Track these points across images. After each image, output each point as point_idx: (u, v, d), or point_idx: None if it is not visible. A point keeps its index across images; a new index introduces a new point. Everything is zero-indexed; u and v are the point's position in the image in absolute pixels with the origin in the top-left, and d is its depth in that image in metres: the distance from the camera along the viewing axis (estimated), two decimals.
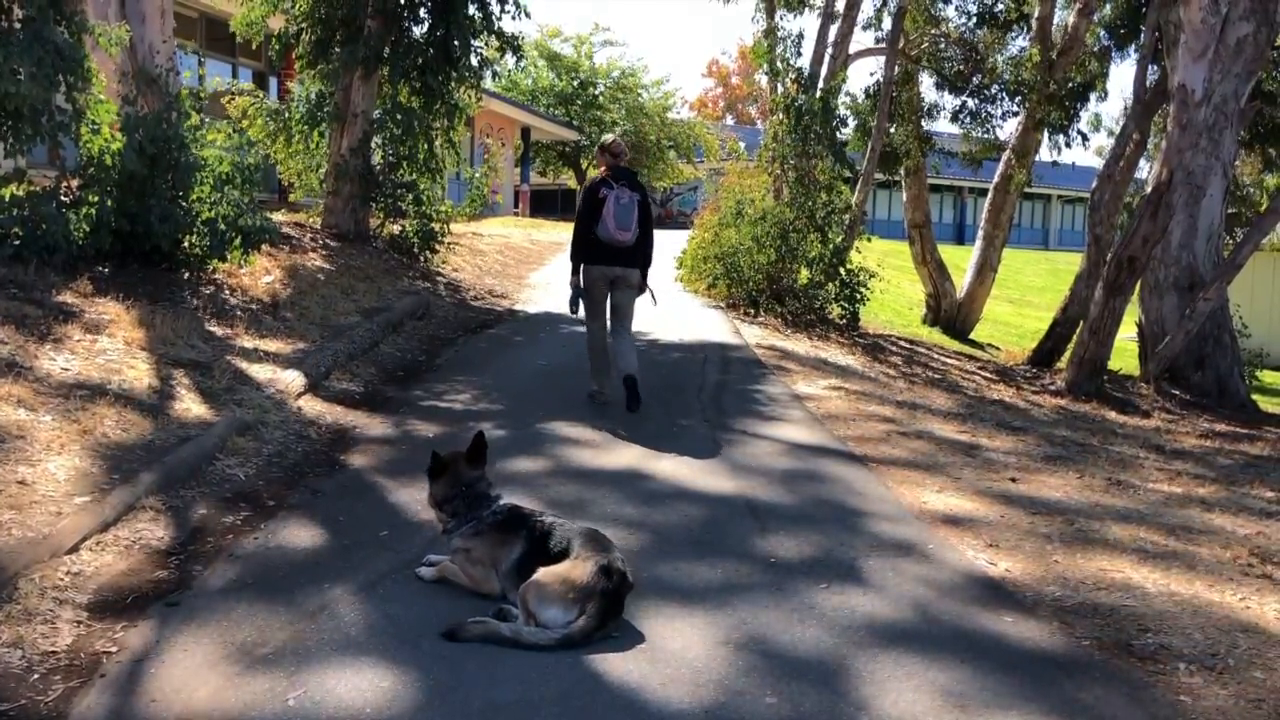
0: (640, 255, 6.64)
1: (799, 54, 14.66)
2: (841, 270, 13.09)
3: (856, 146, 16.60)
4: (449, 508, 3.74)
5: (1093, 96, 16.69)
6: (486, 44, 13.02)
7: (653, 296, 6.96)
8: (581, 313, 6.80)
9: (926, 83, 17.98)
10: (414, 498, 4.67)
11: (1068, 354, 11.79)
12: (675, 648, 3.27)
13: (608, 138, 6.82)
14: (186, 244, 7.94)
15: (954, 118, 17.47)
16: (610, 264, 6.58)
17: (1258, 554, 4.53)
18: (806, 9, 16.23)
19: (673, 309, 12.74)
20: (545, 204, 36.45)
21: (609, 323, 6.79)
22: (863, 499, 5.10)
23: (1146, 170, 14.70)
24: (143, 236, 7.51)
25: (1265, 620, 3.75)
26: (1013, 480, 5.71)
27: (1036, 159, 17.63)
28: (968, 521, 4.84)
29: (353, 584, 3.66)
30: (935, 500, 5.18)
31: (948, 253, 20.25)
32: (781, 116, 13.66)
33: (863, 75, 77.12)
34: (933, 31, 17.35)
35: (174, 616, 3.32)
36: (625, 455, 5.68)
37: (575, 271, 6.74)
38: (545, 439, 5.99)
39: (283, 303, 8.48)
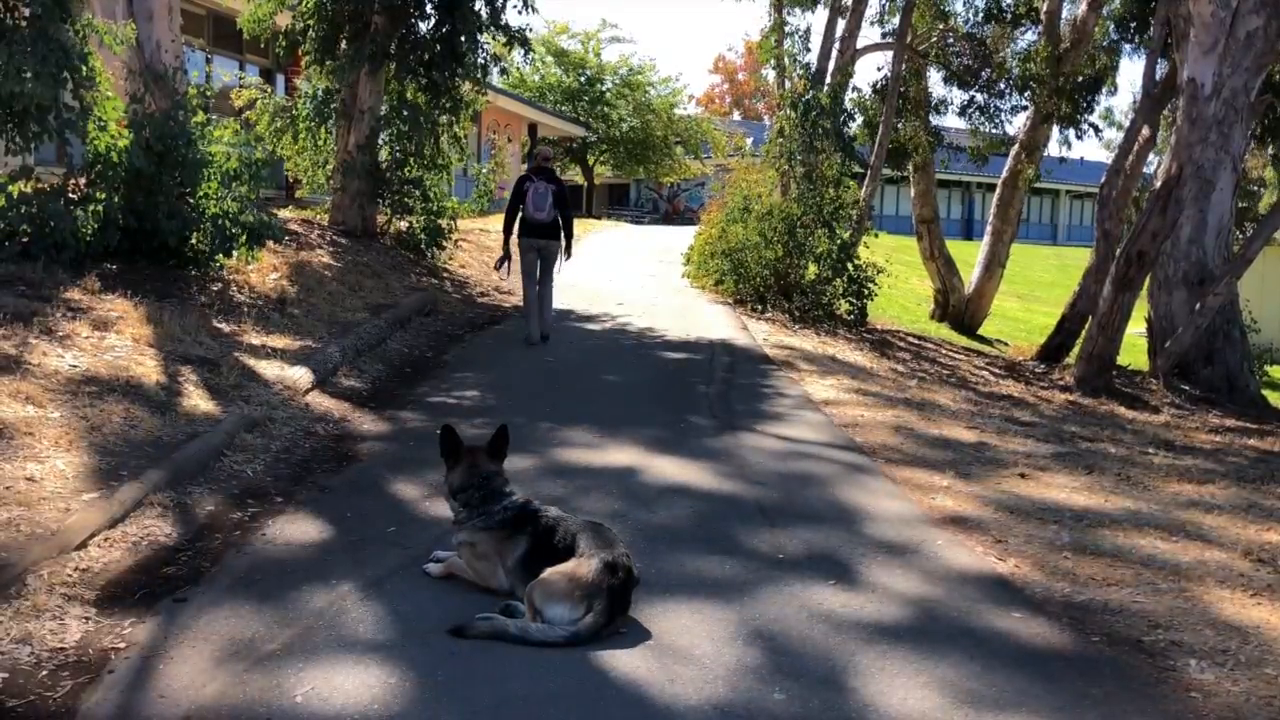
0: (560, 229, 8.94)
1: (806, 49, 14.66)
2: (849, 266, 13.04)
3: (864, 142, 16.54)
4: (463, 497, 3.70)
5: (1102, 91, 16.58)
6: (493, 39, 13.00)
7: (568, 253, 9.16)
8: (503, 271, 9.64)
9: (934, 78, 17.91)
10: (421, 493, 4.68)
11: (1076, 349, 11.73)
12: (683, 644, 3.26)
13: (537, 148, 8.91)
14: (194, 241, 7.95)
15: (962, 112, 17.38)
16: (535, 237, 8.94)
17: (1269, 550, 4.51)
18: (814, 4, 16.14)
19: (680, 305, 12.74)
20: None
21: (537, 279, 9.03)
22: (870, 495, 5.08)
23: (1156, 165, 14.61)
24: (150, 234, 7.53)
25: (1277, 617, 3.73)
26: (1021, 477, 5.69)
27: (1044, 154, 17.53)
28: (976, 518, 4.82)
29: (360, 580, 3.66)
30: (943, 497, 5.16)
31: (956, 248, 20.19)
32: (789, 112, 13.63)
33: (870, 70, 76.94)
34: (941, 26, 17.25)
35: (182, 612, 3.32)
36: (633, 453, 5.68)
37: (505, 243, 9.28)
38: (553, 436, 5.98)
39: (290, 299, 8.49)
